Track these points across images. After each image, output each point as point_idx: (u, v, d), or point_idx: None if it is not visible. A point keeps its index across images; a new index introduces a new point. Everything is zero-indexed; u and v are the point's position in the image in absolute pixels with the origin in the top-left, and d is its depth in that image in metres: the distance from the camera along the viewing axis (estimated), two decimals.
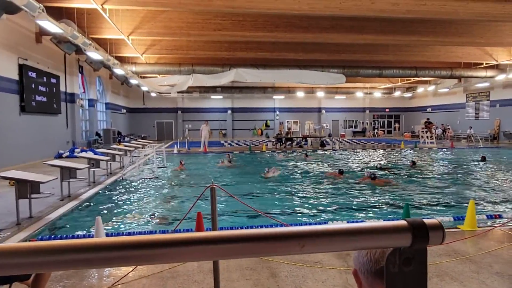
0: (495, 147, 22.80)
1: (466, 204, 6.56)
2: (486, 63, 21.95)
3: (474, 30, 15.77)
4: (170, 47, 17.79)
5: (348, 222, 5.20)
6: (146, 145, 17.58)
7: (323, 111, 38.45)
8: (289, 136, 25.86)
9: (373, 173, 10.71)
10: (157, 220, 6.86)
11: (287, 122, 37.91)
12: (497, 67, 22.80)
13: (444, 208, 7.72)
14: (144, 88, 25.25)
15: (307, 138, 25.61)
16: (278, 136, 25.33)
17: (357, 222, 4.49)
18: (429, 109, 35.05)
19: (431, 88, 30.87)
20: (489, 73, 22.88)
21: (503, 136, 26.05)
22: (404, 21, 14.50)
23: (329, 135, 34.27)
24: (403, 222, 0.66)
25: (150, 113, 35.58)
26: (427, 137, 25.46)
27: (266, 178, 11.72)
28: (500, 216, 6.42)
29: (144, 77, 23.94)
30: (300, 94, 33.99)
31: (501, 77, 22.95)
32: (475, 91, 28.84)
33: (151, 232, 5.77)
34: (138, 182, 10.85)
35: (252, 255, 0.60)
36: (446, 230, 4.10)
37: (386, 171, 12.80)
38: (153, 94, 31.14)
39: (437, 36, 15.80)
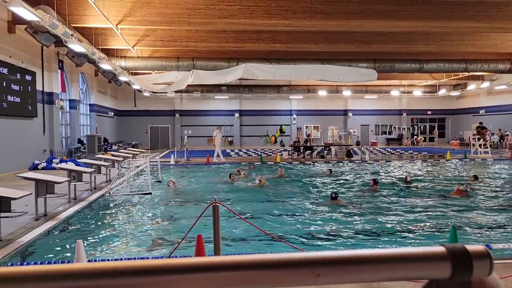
0: None
1: None
2: None
3: None
4: (167, 38, 17.97)
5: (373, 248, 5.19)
6: (137, 154, 17.70)
7: (350, 114, 38.28)
8: (308, 144, 25.79)
9: (335, 192, 10.76)
10: (150, 244, 6.89)
11: (306, 127, 37.84)
12: None
13: (502, 233, 7.60)
14: (136, 87, 25.52)
15: (330, 147, 25.52)
16: (295, 144, 25.31)
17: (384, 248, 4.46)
18: (482, 111, 34.55)
19: (485, 85, 30.39)
20: None
21: None
22: (451, 4, 14.38)
23: (357, 143, 34.06)
24: (440, 249, 0.66)
25: (143, 117, 35.88)
26: (479, 145, 25.05)
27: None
28: None
29: (135, 74, 24.21)
30: (322, 93, 33.90)
31: None
32: None
33: (142, 258, 5.79)
34: (127, 198, 10.92)
35: (254, 285, 0.60)
36: (507, 261, 3.98)
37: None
38: (146, 94, 31.44)
39: (493, 21, 15.54)
